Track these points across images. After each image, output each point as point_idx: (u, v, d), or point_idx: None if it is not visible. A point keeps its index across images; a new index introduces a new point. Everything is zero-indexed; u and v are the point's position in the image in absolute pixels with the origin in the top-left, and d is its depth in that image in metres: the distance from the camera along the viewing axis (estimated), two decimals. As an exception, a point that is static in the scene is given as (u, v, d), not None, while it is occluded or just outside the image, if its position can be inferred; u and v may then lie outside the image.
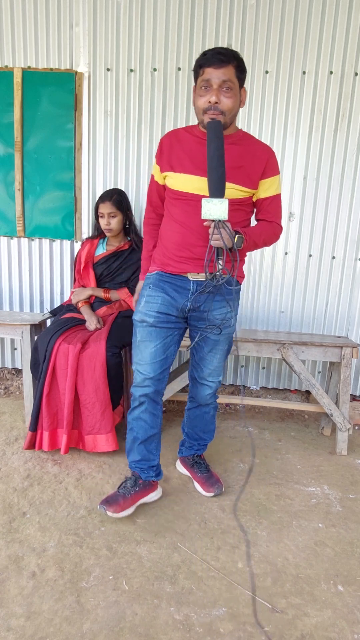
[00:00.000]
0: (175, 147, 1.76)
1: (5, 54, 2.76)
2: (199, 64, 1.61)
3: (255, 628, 1.42)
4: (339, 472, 2.34)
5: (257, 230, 1.75)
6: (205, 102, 1.60)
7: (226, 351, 1.96)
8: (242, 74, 1.63)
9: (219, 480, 2.07)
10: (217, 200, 1.53)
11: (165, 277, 1.81)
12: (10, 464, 2.23)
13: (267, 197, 1.77)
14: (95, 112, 2.78)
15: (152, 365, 1.84)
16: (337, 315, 2.93)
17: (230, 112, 1.62)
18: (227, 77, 1.57)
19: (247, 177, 1.70)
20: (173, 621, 1.43)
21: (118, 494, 1.88)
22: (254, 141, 1.77)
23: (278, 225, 1.83)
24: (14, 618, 1.41)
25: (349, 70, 2.61)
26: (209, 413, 2.10)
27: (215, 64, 1.56)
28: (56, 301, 3.07)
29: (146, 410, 1.88)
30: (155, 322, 1.81)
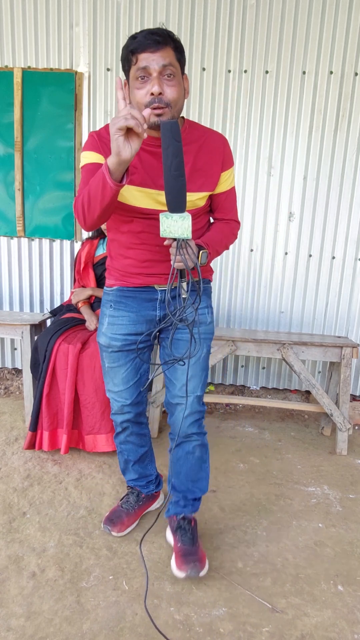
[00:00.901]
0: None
1: (5, 54, 2.76)
2: (130, 49, 1.31)
3: (255, 628, 1.42)
4: (339, 472, 2.34)
5: (217, 236, 1.54)
6: (146, 94, 1.30)
7: (205, 359, 1.62)
8: (182, 57, 1.37)
9: (200, 560, 1.58)
10: (177, 215, 1.28)
11: (127, 291, 1.57)
12: (10, 464, 2.24)
13: (222, 192, 1.54)
14: (95, 112, 2.78)
15: (127, 390, 1.66)
16: (337, 315, 2.94)
17: (176, 103, 1.34)
18: (168, 61, 1.29)
19: (209, 178, 1.47)
20: (173, 621, 1.43)
21: (121, 510, 1.83)
22: (204, 131, 1.50)
23: (236, 223, 1.62)
24: (14, 618, 1.41)
25: (349, 70, 2.61)
26: (193, 453, 1.65)
27: (151, 47, 1.28)
28: (56, 301, 3.07)
29: (131, 433, 1.76)
30: (123, 345, 1.60)
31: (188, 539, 1.65)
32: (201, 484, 1.70)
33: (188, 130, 1.47)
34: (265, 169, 2.77)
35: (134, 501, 1.85)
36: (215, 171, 1.48)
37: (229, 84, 2.68)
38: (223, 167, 1.50)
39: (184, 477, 1.67)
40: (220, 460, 2.36)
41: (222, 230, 1.58)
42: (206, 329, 1.61)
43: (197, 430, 1.63)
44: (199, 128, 1.51)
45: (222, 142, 1.50)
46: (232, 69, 2.66)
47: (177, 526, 1.69)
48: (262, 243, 2.87)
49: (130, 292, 1.58)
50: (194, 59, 2.66)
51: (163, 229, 1.30)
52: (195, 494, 1.69)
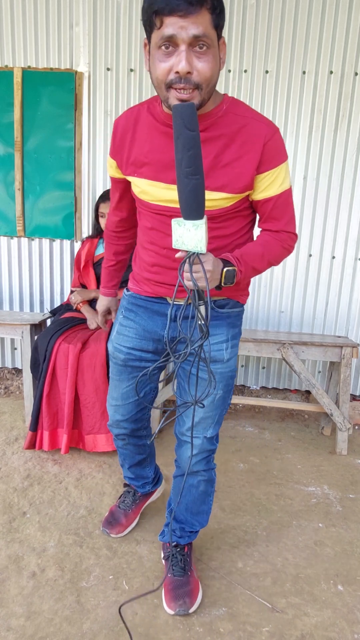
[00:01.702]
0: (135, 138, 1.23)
1: (5, 54, 2.76)
2: (153, 9, 1.00)
3: (255, 627, 1.42)
4: (339, 471, 2.34)
5: (259, 250, 1.25)
6: (169, 70, 1.03)
7: (220, 400, 1.39)
8: (221, 20, 1.06)
9: (190, 593, 1.46)
10: (190, 223, 1.05)
11: (139, 299, 1.42)
12: (10, 463, 2.24)
13: (268, 197, 1.22)
14: (95, 112, 2.78)
15: (125, 407, 1.54)
16: (337, 315, 2.94)
17: (208, 83, 1.06)
18: (201, 30, 1.00)
19: (236, 178, 1.19)
20: (173, 621, 1.43)
21: (119, 511, 1.82)
22: (247, 115, 1.18)
23: (289, 235, 1.30)
24: (14, 618, 1.41)
25: (349, 70, 2.61)
26: (197, 487, 1.50)
27: (181, 9, 0.98)
28: (56, 301, 3.07)
29: (128, 444, 1.66)
30: (126, 359, 1.45)
31: (179, 570, 1.53)
32: (202, 518, 1.57)
33: (224, 111, 1.17)
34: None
35: (130, 501, 1.83)
36: (246, 171, 1.18)
37: (229, 84, 2.68)
38: (260, 168, 1.18)
39: (185, 508, 1.55)
40: (220, 460, 2.36)
41: (265, 243, 1.28)
42: (222, 367, 1.36)
43: (204, 468, 1.48)
44: (241, 110, 1.19)
45: (265, 136, 1.17)
46: (232, 69, 2.66)
47: (169, 554, 1.57)
48: (262, 243, 2.86)
49: (142, 300, 1.41)
50: (194, 58, 2.65)
51: (175, 238, 1.09)
52: (194, 527, 1.57)
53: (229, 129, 1.17)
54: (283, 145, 1.21)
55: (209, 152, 1.17)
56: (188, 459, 1.43)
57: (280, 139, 1.20)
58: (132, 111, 1.26)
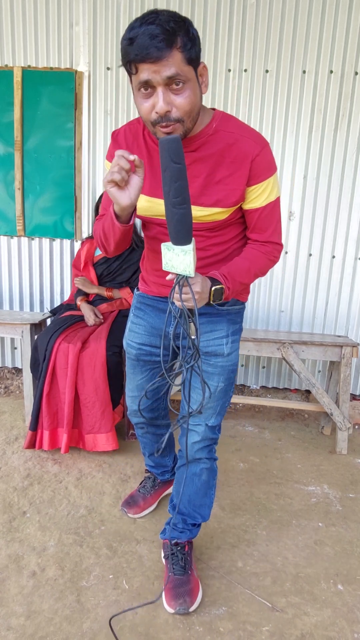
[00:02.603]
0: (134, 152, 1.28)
1: (5, 53, 2.76)
2: (127, 59, 1.07)
3: (255, 627, 1.42)
4: (339, 471, 2.34)
5: (245, 265, 1.31)
6: (150, 110, 1.10)
7: (221, 392, 1.46)
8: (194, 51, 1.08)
9: (190, 592, 1.48)
10: (179, 249, 1.09)
11: (147, 299, 1.52)
12: (10, 463, 2.24)
13: (254, 208, 1.29)
14: (95, 111, 2.78)
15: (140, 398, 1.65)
16: (337, 315, 2.94)
17: (189, 114, 1.12)
18: (174, 71, 1.05)
19: (228, 193, 1.25)
20: (173, 620, 1.43)
21: (138, 495, 1.94)
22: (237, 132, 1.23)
23: (274, 246, 1.36)
24: (14, 617, 1.41)
25: (349, 69, 2.61)
26: (200, 476, 1.54)
27: (151, 56, 1.03)
28: (56, 300, 3.07)
29: (147, 432, 1.79)
30: (137, 354, 1.55)
31: (179, 568, 1.53)
32: (203, 510, 1.58)
33: (214, 129, 1.23)
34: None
35: (150, 486, 1.95)
36: (237, 187, 1.24)
37: (229, 83, 2.68)
38: (250, 182, 1.24)
39: (187, 499, 1.56)
40: (220, 459, 2.36)
41: (251, 257, 1.33)
42: (223, 360, 1.43)
43: (206, 456, 1.53)
44: (232, 129, 1.23)
45: (253, 151, 1.22)
46: (232, 68, 2.66)
47: (170, 553, 1.57)
48: (262, 242, 2.87)
49: (150, 299, 1.52)
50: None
51: (165, 261, 1.13)
52: (195, 519, 1.58)
53: (219, 147, 1.22)
54: (271, 160, 1.26)
55: (201, 170, 1.23)
56: (192, 446, 1.50)
57: (269, 153, 1.25)
58: (129, 128, 1.31)
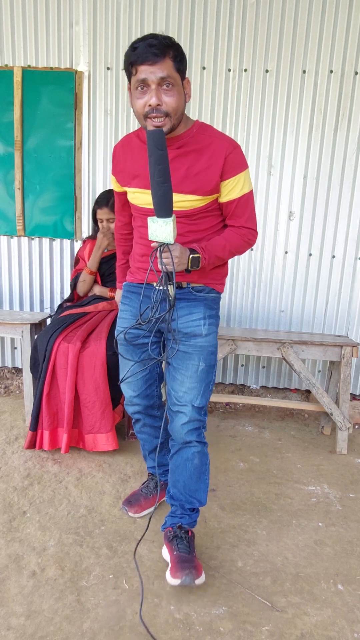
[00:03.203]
0: (128, 157, 1.57)
1: (5, 53, 2.76)
2: (130, 61, 1.37)
3: (255, 627, 1.42)
4: (339, 471, 2.34)
5: (221, 242, 1.53)
6: (145, 105, 1.37)
7: (203, 372, 1.59)
8: (182, 64, 1.40)
9: (195, 568, 1.52)
10: (162, 220, 1.33)
11: (132, 287, 1.69)
12: (10, 463, 2.24)
13: (231, 200, 1.51)
14: (95, 111, 2.78)
15: (135, 383, 1.75)
16: (337, 315, 2.94)
17: (176, 112, 1.39)
18: (166, 73, 1.34)
19: (203, 184, 1.47)
20: (173, 620, 1.43)
21: (140, 494, 1.95)
22: (212, 135, 1.50)
23: (248, 231, 1.57)
24: (14, 617, 1.41)
25: (349, 69, 2.61)
26: (192, 460, 1.62)
27: (149, 59, 1.33)
28: (56, 300, 3.07)
29: (144, 425, 1.86)
30: (129, 338, 1.67)
31: (184, 547, 1.58)
32: (199, 495, 1.65)
33: (194, 133, 1.49)
34: (265, 168, 2.77)
35: (152, 487, 1.97)
36: (211, 179, 1.47)
37: (229, 83, 2.68)
38: (224, 175, 1.47)
39: (182, 485, 1.64)
40: (220, 459, 2.37)
41: (228, 237, 1.55)
42: (202, 340, 1.57)
43: (196, 438, 1.61)
44: (208, 132, 1.50)
45: (226, 149, 1.46)
46: (232, 68, 2.66)
47: (173, 535, 1.63)
48: (262, 242, 2.87)
49: (134, 287, 1.69)
50: (194, 58, 2.66)
51: (150, 232, 1.36)
52: (192, 504, 1.65)
53: (198, 146, 1.48)
54: (242, 158, 1.51)
55: (183, 163, 1.47)
56: (181, 428, 1.60)
57: (240, 153, 1.50)
58: (126, 138, 1.61)
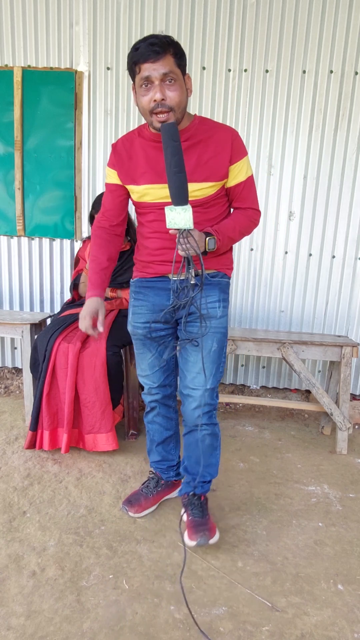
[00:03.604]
0: (132, 156, 1.62)
1: (5, 53, 2.76)
2: (133, 60, 1.44)
3: (255, 627, 1.42)
4: (339, 471, 2.34)
5: (231, 224, 1.63)
6: (150, 100, 1.44)
7: (215, 353, 1.68)
8: (182, 61, 1.47)
9: (210, 530, 1.69)
10: (180, 208, 1.41)
11: (145, 282, 1.73)
12: (10, 463, 2.24)
13: (238, 183, 1.62)
14: (95, 111, 2.78)
15: (154, 375, 1.82)
16: (337, 315, 2.93)
17: (179, 106, 1.46)
18: (168, 69, 1.41)
19: (215, 170, 1.57)
20: (173, 620, 1.43)
21: (140, 494, 1.94)
22: (213, 125, 1.60)
23: (254, 211, 1.69)
24: (14, 617, 1.41)
25: (349, 69, 2.61)
26: (203, 441, 1.73)
27: (151, 57, 1.40)
28: (56, 300, 3.07)
29: (158, 414, 1.89)
30: (145, 332, 1.74)
31: (198, 512, 1.76)
32: (211, 469, 1.80)
33: (197, 126, 1.57)
34: (266, 168, 2.77)
35: (153, 486, 1.95)
36: (222, 164, 1.56)
37: (229, 83, 2.68)
38: (232, 160, 1.57)
39: (195, 461, 1.77)
40: (220, 459, 2.36)
41: (236, 218, 1.65)
42: (217, 322, 1.67)
43: (206, 422, 1.72)
44: (209, 123, 1.60)
45: (231, 135, 1.57)
46: (232, 68, 2.66)
47: (188, 502, 1.80)
48: (262, 242, 2.87)
49: (148, 282, 1.72)
50: (194, 58, 2.66)
51: (168, 220, 1.43)
52: (204, 477, 1.79)
53: (203, 136, 1.57)
54: (243, 143, 1.62)
55: (193, 154, 1.55)
56: (192, 412, 1.71)
57: (240, 139, 1.61)
58: (126, 137, 1.65)
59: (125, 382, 2.45)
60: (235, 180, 1.61)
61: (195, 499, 1.79)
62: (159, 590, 1.54)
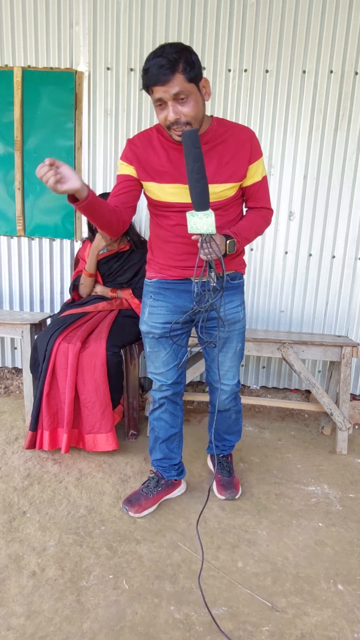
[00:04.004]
0: (150, 153, 1.62)
1: (5, 53, 2.76)
2: (144, 84, 1.48)
3: (255, 627, 1.42)
4: (339, 471, 2.34)
5: (247, 224, 1.68)
6: (165, 119, 1.49)
7: (239, 351, 1.89)
8: (194, 72, 1.45)
9: (235, 486, 2.04)
10: (202, 213, 1.43)
11: (166, 283, 1.77)
12: (10, 463, 2.24)
13: (254, 183, 1.67)
14: (95, 111, 2.78)
15: (168, 372, 1.86)
16: (337, 315, 2.93)
17: (195, 118, 1.49)
18: (178, 89, 1.42)
19: (236, 170, 1.60)
20: (173, 620, 1.43)
21: (141, 494, 1.94)
22: (231, 126, 1.63)
23: (267, 210, 1.75)
24: (14, 617, 1.41)
25: (349, 69, 2.61)
26: (230, 417, 2.03)
27: (160, 81, 1.42)
28: (56, 300, 3.07)
29: (166, 410, 1.92)
30: (162, 332, 1.79)
31: (226, 472, 2.10)
32: (236, 435, 2.11)
33: (215, 127, 1.60)
34: (266, 168, 2.76)
35: (153, 486, 1.96)
36: (242, 163, 1.61)
37: (229, 83, 2.68)
38: (251, 160, 1.62)
39: (222, 431, 2.08)
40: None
41: (251, 218, 1.71)
42: (240, 325, 1.84)
43: (234, 405, 1.99)
44: (226, 124, 1.63)
45: (249, 135, 1.62)
46: (232, 68, 2.66)
47: (217, 462, 2.10)
48: (262, 242, 2.87)
49: (168, 284, 1.76)
50: (194, 58, 2.65)
51: (190, 226, 1.46)
52: (231, 442, 2.12)
53: (222, 137, 1.60)
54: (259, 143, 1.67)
55: (213, 156, 1.58)
56: (223, 401, 1.93)
57: (257, 138, 1.65)
58: (143, 134, 1.66)
59: (125, 382, 2.45)
60: (252, 179, 1.65)
61: (224, 460, 2.12)
62: (159, 590, 1.54)
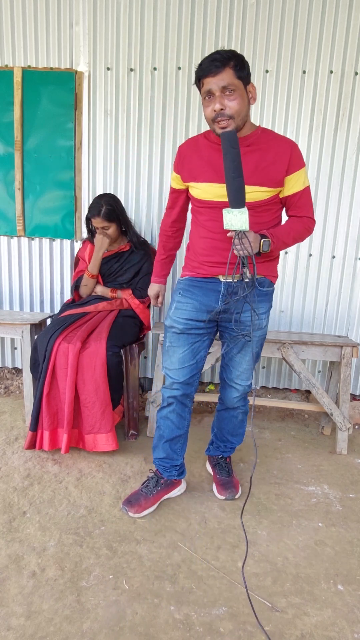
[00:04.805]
0: (194, 156, 1.74)
1: (5, 53, 2.76)
2: (197, 76, 1.59)
3: (255, 627, 1.42)
4: (339, 471, 2.34)
5: (285, 229, 1.73)
6: (211, 111, 1.57)
7: (257, 354, 1.93)
8: (243, 72, 1.56)
9: (235, 486, 2.06)
10: (237, 210, 1.53)
11: (195, 281, 1.82)
12: (10, 463, 2.24)
13: (295, 192, 1.72)
14: (95, 111, 2.78)
15: (181, 370, 1.86)
16: (337, 315, 2.93)
17: (239, 114, 1.57)
18: (226, 82, 1.53)
19: (271, 177, 1.67)
20: (173, 620, 1.43)
21: (140, 494, 1.95)
22: (274, 136, 1.72)
23: (309, 219, 1.79)
24: (14, 617, 1.41)
25: (349, 69, 2.61)
26: (237, 417, 2.06)
27: (212, 72, 1.53)
28: (56, 300, 3.07)
29: (173, 411, 1.92)
30: (184, 328, 1.82)
31: (225, 472, 2.12)
32: (239, 438, 2.14)
33: (259, 134, 1.69)
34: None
35: (152, 486, 1.97)
36: (278, 173, 1.67)
37: (229, 83, 2.68)
38: (290, 170, 1.68)
39: (227, 431, 2.10)
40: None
41: (291, 224, 1.76)
42: (261, 332, 1.88)
43: (242, 404, 2.04)
44: (271, 134, 1.72)
45: (290, 146, 1.68)
46: (232, 68, 2.66)
47: (216, 462, 2.16)
48: (262, 242, 2.87)
49: (198, 282, 1.82)
50: (194, 58, 2.66)
51: (225, 222, 1.56)
52: (233, 444, 2.14)
53: (264, 145, 1.68)
54: (302, 155, 1.72)
55: (251, 159, 1.65)
56: (233, 399, 2.00)
57: (299, 150, 1.71)
58: (192, 140, 1.80)
59: (125, 382, 2.45)
60: (292, 190, 1.71)
61: (223, 461, 2.15)
62: (159, 590, 1.54)
